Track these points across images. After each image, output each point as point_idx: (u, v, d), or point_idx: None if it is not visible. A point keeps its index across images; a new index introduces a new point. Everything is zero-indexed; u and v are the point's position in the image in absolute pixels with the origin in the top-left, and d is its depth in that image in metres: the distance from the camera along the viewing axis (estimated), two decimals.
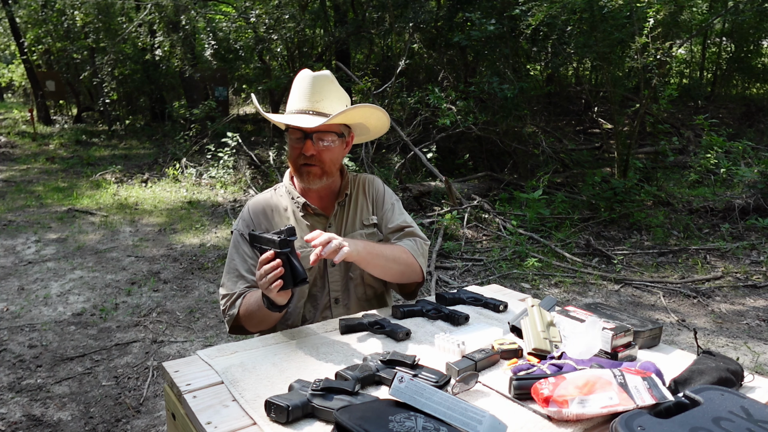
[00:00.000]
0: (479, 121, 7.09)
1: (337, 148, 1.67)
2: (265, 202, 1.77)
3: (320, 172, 1.65)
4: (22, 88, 22.28)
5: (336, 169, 1.72)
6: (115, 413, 2.82)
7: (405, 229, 1.77)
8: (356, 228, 1.76)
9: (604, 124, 9.64)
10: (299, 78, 1.68)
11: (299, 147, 1.63)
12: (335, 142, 1.66)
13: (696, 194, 7.08)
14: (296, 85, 1.68)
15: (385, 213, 1.80)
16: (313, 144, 1.61)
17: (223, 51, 11.60)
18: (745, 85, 14.08)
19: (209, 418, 1.09)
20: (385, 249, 1.64)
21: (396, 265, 1.64)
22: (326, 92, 1.66)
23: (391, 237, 1.76)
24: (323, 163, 1.65)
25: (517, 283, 4.58)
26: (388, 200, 1.83)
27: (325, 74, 1.67)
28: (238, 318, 1.62)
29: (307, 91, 1.65)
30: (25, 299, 4.25)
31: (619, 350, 1.28)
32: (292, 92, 1.69)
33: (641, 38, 5.79)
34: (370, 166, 6.95)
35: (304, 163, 1.64)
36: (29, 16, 14.05)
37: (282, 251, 1.38)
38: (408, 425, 0.96)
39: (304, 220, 1.74)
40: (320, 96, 1.65)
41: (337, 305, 1.72)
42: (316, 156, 1.63)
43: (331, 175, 1.69)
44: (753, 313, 4.06)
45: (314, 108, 1.65)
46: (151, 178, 8.93)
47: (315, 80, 1.65)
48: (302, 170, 1.66)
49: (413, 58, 9.57)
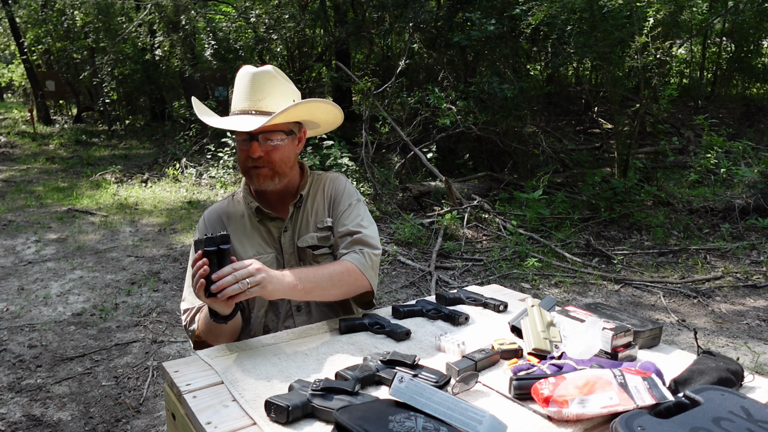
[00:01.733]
0: (479, 121, 7.09)
1: (287, 147, 1.59)
2: (221, 210, 1.70)
3: (270, 173, 1.57)
4: (22, 88, 22.28)
5: (288, 168, 1.62)
6: (115, 413, 2.82)
7: (354, 235, 1.62)
8: (309, 231, 1.66)
9: (604, 124, 9.64)
10: (239, 76, 1.59)
11: (246, 149, 1.55)
12: (284, 140, 1.57)
13: (696, 194, 7.08)
14: (237, 84, 1.59)
15: (340, 214, 1.67)
16: (259, 145, 1.53)
17: (223, 51, 11.59)
18: (745, 85, 14.07)
19: (209, 418, 1.09)
20: (323, 275, 1.49)
21: (337, 289, 1.53)
22: (268, 90, 1.57)
23: (340, 242, 1.63)
24: (273, 164, 1.56)
25: (517, 283, 4.58)
26: (346, 200, 1.69)
27: (267, 70, 1.58)
28: (199, 333, 1.54)
29: (247, 90, 1.56)
30: (25, 299, 4.25)
31: (619, 350, 1.28)
32: (234, 92, 1.61)
33: (641, 38, 5.79)
34: (370, 166, 6.95)
35: (252, 165, 1.56)
36: (29, 16, 14.04)
37: (209, 250, 1.30)
38: (408, 425, 0.96)
39: (261, 225, 1.66)
40: (262, 94, 1.56)
41: (300, 313, 1.65)
42: (264, 157, 1.54)
43: (283, 176, 1.60)
44: (753, 313, 4.06)
45: (256, 107, 1.56)
46: (151, 178, 8.93)
47: (255, 77, 1.56)
48: (251, 173, 1.58)
49: (413, 58, 9.57)
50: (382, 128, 7.35)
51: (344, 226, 1.64)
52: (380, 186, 6.93)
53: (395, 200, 6.86)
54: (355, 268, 1.55)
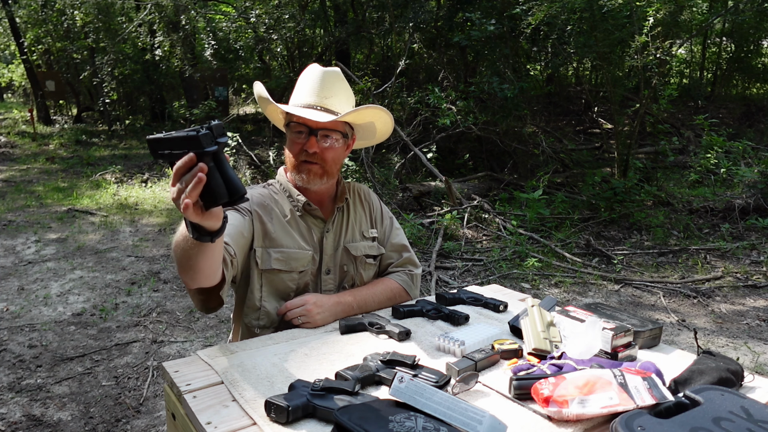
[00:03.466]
0: (479, 121, 7.09)
1: (339, 149, 1.60)
2: (263, 194, 1.64)
3: (321, 172, 1.57)
4: (22, 88, 22.29)
5: (337, 171, 1.63)
6: (115, 413, 2.82)
7: (403, 253, 1.77)
8: (356, 239, 1.71)
9: (604, 124, 9.64)
10: (308, 72, 1.60)
11: (301, 143, 1.55)
12: (339, 141, 1.58)
13: (696, 194, 7.08)
14: (304, 79, 1.61)
15: (386, 228, 1.78)
16: (317, 141, 1.53)
17: (223, 51, 11.60)
18: (745, 85, 14.08)
19: (209, 418, 1.09)
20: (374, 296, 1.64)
21: (385, 306, 1.65)
22: (336, 89, 1.58)
23: (391, 258, 1.76)
24: (325, 162, 1.57)
25: (517, 283, 4.58)
26: (386, 215, 1.80)
27: (335, 70, 1.60)
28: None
29: (316, 86, 1.57)
30: (25, 299, 4.25)
31: (619, 350, 1.28)
32: (299, 86, 1.61)
33: (641, 38, 5.80)
34: (370, 166, 6.95)
35: (305, 159, 1.56)
36: (29, 16, 14.05)
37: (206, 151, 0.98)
38: (408, 425, 0.96)
39: (302, 220, 1.64)
40: (329, 92, 1.57)
41: None
42: (318, 154, 1.55)
43: (331, 176, 1.62)
44: (753, 313, 4.06)
45: (322, 104, 1.56)
46: (151, 178, 8.93)
47: (325, 75, 1.58)
48: (302, 167, 1.57)
49: (413, 58, 9.58)
50: None
51: (395, 239, 1.78)
52: (380, 186, 6.93)
53: (395, 200, 6.86)
54: (402, 290, 1.71)
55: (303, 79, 1.61)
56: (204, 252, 1.18)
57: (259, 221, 1.58)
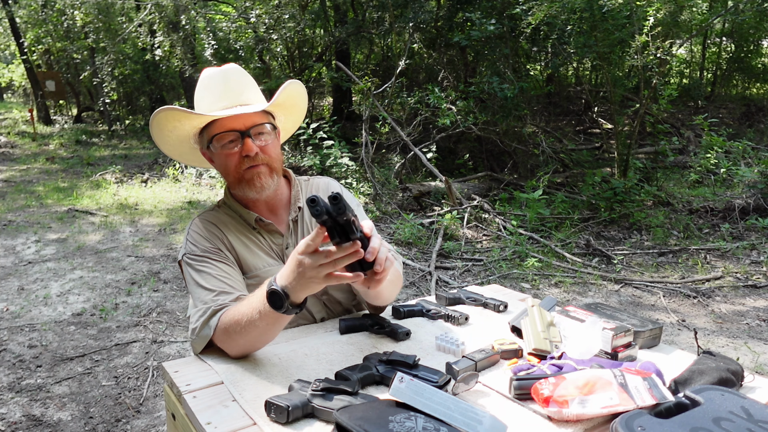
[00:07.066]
0: (479, 121, 7.09)
1: (276, 142, 1.47)
2: (215, 219, 1.51)
3: (269, 171, 1.44)
4: (22, 88, 22.30)
5: (281, 165, 1.51)
6: (115, 413, 2.82)
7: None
8: None
9: (604, 124, 9.64)
10: (206, 77, 1.47)
11: (237, 151, 1.40)
12: (272, 134, 1.46)
13: (696, 194, 7.08)
14: (206, 84, 1.46)
15: None
16: (252, 141, 1.40)
17: (223, 51, 11.58)
18: (745, 85, 14.08)
19: (209, 418, 1.09)
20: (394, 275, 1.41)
21: (396, 289, 1.48)
22: (244, 83, 1.46)
23: None
24: (270, 159, 1.44)
25: (517, 283, 4.58)
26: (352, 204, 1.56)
27: (233, 65, 1.49)
28: (215, 336, 1.32)
29: (223, 87, 1.44)
30: (25, 299, 4.25)
31: (619, 350, 1.28)
32: (204, 94, 1.46)
33: (641, 37, 5.80)
34: (370, 166, 6.95)
35: (249, 166, 1.41)
36: (29, 16, 14.06)
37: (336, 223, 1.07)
38: (408, 425, 0.96)
39: (259, 236, 1.51)
40: (240, 87, 1.45)
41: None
42: (259, 154, 1.41)
43: (279, 174, 1.49)
44: (753, 313, 4.06)
45: (239, 101, 1.43)
46: (151, 178, 8.94)
47: (227, 74, 1.45)
48: (249, 175, 1.42)
49: (413, 58, 9.58)
50: (382, 128, 7.36)
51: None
52: (380, 186, 6.93)
53: (395, 200, 6.86)
54: (399, 275, 1.51)
55: (205, 85, 1.47)
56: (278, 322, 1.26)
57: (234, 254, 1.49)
